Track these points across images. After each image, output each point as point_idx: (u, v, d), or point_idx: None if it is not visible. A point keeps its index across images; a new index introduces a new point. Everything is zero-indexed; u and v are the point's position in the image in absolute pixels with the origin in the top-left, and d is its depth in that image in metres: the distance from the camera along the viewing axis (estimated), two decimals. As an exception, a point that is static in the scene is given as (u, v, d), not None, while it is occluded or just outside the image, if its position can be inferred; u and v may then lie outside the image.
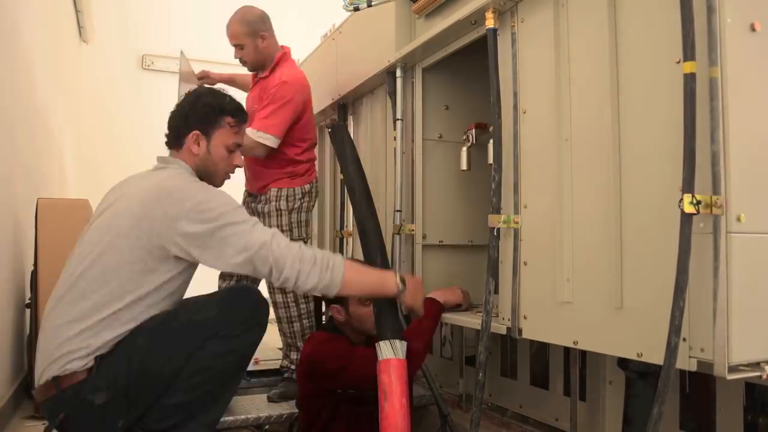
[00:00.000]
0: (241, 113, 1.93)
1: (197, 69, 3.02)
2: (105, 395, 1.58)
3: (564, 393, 2.22)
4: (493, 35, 1.85)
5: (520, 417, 2.40)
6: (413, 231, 2.38)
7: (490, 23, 1.84)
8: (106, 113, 6.33)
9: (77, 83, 6.06)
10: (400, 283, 1.87)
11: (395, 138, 2.43)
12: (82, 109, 6.15)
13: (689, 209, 1.23)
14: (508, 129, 1.83)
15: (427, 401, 2.49)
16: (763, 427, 1.66)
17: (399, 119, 2.42)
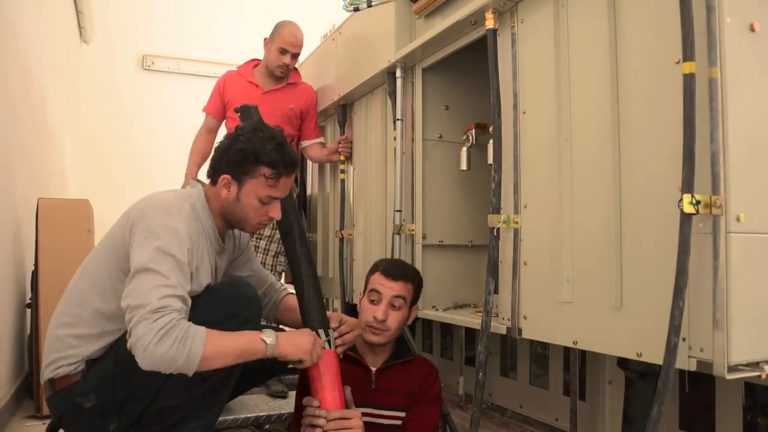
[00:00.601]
0: (284, 166, 1.64)
1: (197, 69, 3.03)
2: (93, 399, 1.58)
3: (564, 393, 2.22)
4: (493, 35, 1.85)
5: (520, 417, 2.40)
6: (413, 231, 2.38)
7: (490, 23, 1.85)
8: (107, 113, 6.34)
9: (78, 83, 6.06)
10: (267, 338, 1.56)
11: (395, 138, 2.43)
12: (83, 109, 6.16)
13: (689, 209, 1.23)
14: (508, 129, 1.84)
15: (427, 401, 2.49)
16: (762, 427, 1.66)
17: (399, 119, 2.42)
